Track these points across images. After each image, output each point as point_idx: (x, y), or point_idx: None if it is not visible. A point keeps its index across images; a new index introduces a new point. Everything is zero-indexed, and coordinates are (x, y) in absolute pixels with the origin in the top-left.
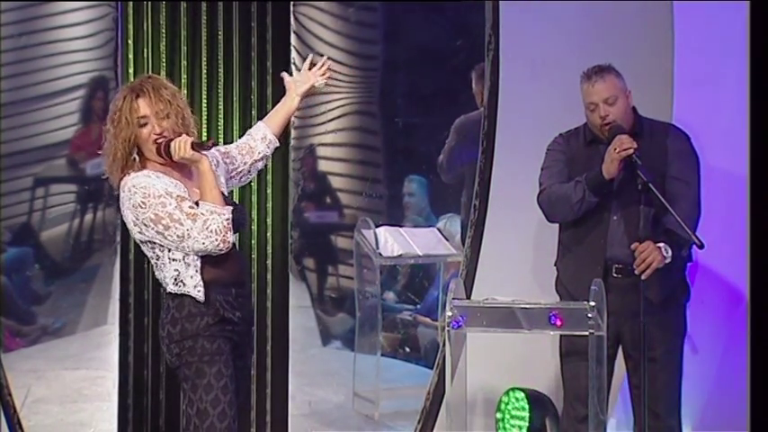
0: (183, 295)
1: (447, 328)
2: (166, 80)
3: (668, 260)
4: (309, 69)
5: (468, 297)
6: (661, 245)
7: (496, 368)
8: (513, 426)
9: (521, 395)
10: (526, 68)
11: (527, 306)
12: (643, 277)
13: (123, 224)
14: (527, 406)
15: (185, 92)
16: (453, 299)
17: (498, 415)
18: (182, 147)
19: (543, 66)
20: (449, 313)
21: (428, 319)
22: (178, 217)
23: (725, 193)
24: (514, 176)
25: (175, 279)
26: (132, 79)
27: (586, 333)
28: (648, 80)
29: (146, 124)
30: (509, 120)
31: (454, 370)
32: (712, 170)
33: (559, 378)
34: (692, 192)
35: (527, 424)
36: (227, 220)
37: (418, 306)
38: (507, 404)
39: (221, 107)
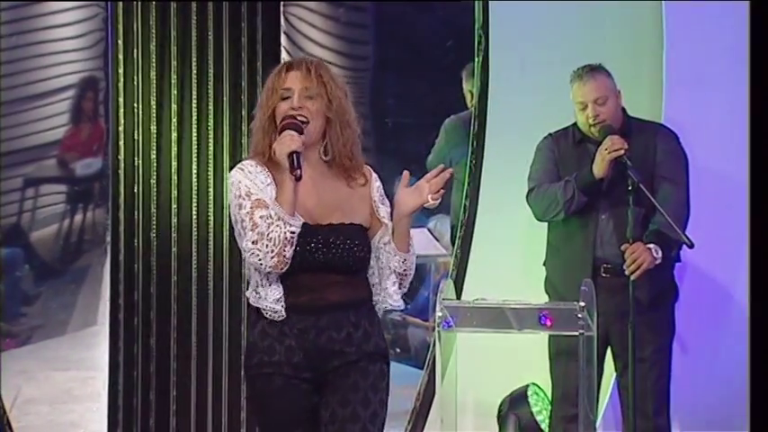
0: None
1: (437, 329)
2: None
3: (658, 261)
4: (429, 182)
5: (459, 297)
6: (651, 246)
7: (486, 368)
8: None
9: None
10: (516, 68)
11: (517, 306)
12: (633, 278)
13: (113, 225)
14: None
15: (175, 92)
16: (443, 299)
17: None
18: (286, 143)
19: (533, 66)
20: (439, 314)
21: (418, 320)
22: (246, 224)
23: (716, 193)
24: (504, 176)
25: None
26: (122, 80)
27: (576, 333)
28: (639, 80)
29: (288, 98)
30: (499, 120)
31: (444, 370)
32: (703, 170)
33: (549, 378)
34: (681, 191)
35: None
36: (291, 233)
37: (408, 306)
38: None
39: (211, 108)
